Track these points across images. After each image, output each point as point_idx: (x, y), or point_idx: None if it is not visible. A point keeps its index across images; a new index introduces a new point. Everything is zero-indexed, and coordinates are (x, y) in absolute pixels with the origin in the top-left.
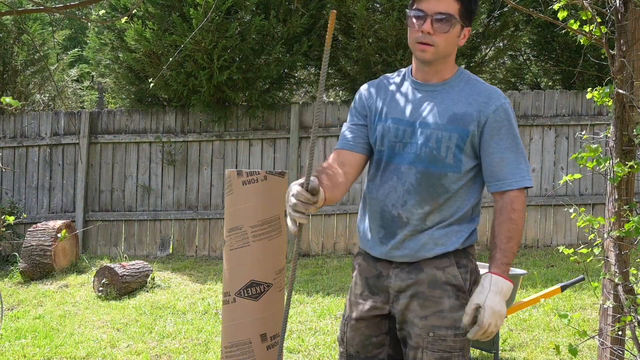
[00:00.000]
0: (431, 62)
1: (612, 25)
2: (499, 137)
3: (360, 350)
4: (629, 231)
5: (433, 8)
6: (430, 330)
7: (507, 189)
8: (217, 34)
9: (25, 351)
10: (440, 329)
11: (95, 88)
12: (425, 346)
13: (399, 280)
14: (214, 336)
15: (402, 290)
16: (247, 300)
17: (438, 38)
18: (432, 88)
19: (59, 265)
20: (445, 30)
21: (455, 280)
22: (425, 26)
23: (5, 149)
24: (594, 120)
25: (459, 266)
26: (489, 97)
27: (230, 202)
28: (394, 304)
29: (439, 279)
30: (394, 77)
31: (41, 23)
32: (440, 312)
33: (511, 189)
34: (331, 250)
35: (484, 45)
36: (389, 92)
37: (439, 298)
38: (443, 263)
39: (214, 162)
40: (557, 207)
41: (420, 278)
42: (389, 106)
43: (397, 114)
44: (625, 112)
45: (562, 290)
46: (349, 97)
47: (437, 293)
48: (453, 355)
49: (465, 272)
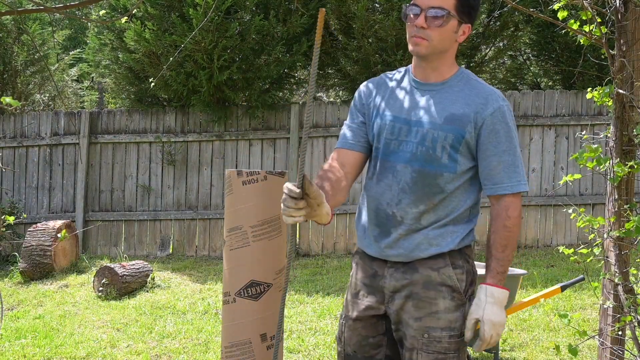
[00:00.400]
0: (426, 57)
1: (612, 25)
2: (496, 140)
3: (357, 350)
4: (629, 231)
5: (427, 3)
6: (424, 331)
7: (502, 193)
8: (217, 34)
9: (25, 351)
10: (435, 330)
11: (95, 88)
12: (420, 347)
13: (394, 280)
14: (214, 336)
15: (397, 290)
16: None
17: (432, 32)
18: (431, 87)
19: (59, 265)
20: (439, 24)
21: (450, 281)
22: (419, 20)
23: (5, 149)
24: (594, 120)
25: (455, 267)
26: (487, 98)
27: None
28: (389, 304)
29: (433, 279)
30: (394, 74)
31: (41, 23)
32: (435, 314)
33: (507, 193)
34: (331, 250)
35: (484, 45)
36: (388, 89)
37: (433, 299)
38: (438, 264)
39: (214, 162)
40: (557, 207)
41: (414, 279)
42: (387, 103)
43: (394, 111)
44: (625, 112)
45: (562, 290)
46: (349, 97)
47: (431, 294)
48: (448, 357)
49: (461, 273)
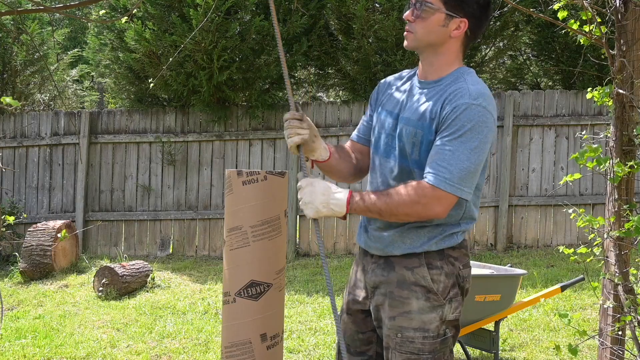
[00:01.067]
0: (417, 51)
1: (612, 25)
2: (446, 131)
3: (350, 343)
4: (629, 231)
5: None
6: (398, 331)
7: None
8: (217, 34)
9: (25, 351)
10: (407, 331)
11: (95, 88)
12: (394, 347)
13: (374, 276)
14: (214, 336)
15: (376, 286)
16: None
17: (416, 25)
18: (426, 85)
19: (59, 265)
20: (422, 16)
21: (425, 282)
22: (406, 14)
23: (5, 149)
24: (594, 120)
25: (431, 267)
26: (455, 94)
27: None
28: (371, 300)
29: (407, 279)
30: (407, 72)
31: (40, 23)
32: (408, 313)
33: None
34: (331, 250)
35: (484, 45)
36: (396, 85)
37: (406, 299)
38: (412, 263)
39: (214, 162)
40: (557, 207)
41: (390, 277)
42: (389, 99)
43: (390, 107)
44: (625, 112)
45: (562, 290)
46: (348, 97)
47: (404, 294)
48: (421, 358)
49: (438, 274)
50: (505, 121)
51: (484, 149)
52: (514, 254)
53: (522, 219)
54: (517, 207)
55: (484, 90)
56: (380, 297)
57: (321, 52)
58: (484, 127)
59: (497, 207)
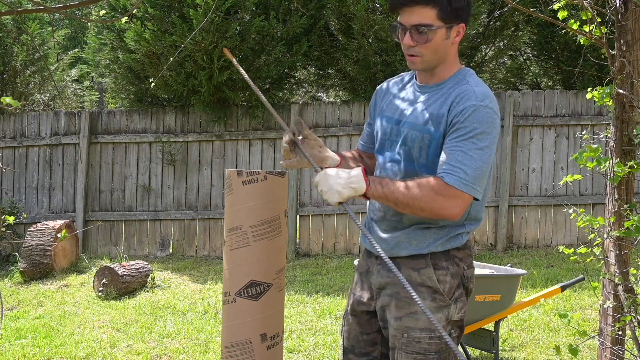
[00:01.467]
0: (425, 70)
1: (612, 25)
2: (457, 134)
3: (355, 344)
4: (629, 231)
5: (409, 20)
6: (404, 331)
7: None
8: (217, 34)
9: (25, 351)
10: (414, 331)
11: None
12: (400, 347)
13: (380, 277)
14: (214, 336)
15: (382, 287)
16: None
17: (422, 49)
18: (427, 89)
19: (59, 265)
20: (425, 40)
21: (431, 282)
22: (406, 40)
23: (5, 149)
24: (594, 120)
25: (437, 268)
26: (462, 97)
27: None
28: (376, 301)
29: (414, 280)
30: (406, 75)
31: (40, 23)
32: (414, 314)
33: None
34: (331, 250)
35: (484, 45)
36: (396, 90)
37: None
38: (419, 264)
39: (214, 162)
40: (557, 207)
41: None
42: (389, 104)
43: (390, 112)
44: (625, 112)
45: (562, 290)
46: (348, 97)
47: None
48: (428, 358)
49: (444, 275)
50: (505, 121)
51: (493, 149)
52: (514, 254)
53: (522, 219)
54: (517, 207)
55: (488, 92)
56: (387, 298)
57: (321, 52)
58: (492, 128)
59: (497, 207)
